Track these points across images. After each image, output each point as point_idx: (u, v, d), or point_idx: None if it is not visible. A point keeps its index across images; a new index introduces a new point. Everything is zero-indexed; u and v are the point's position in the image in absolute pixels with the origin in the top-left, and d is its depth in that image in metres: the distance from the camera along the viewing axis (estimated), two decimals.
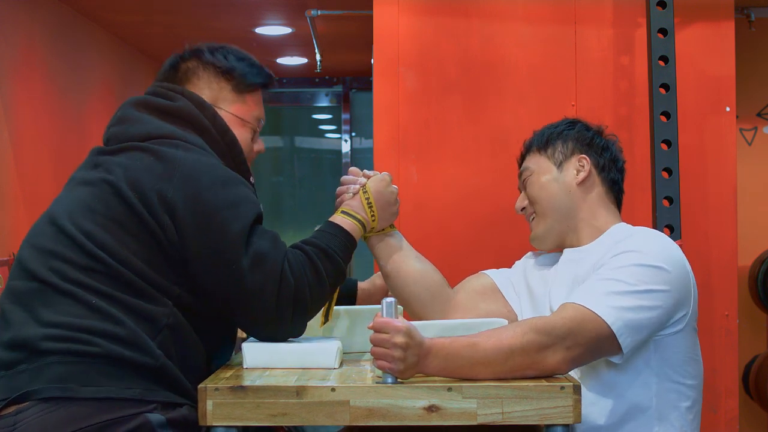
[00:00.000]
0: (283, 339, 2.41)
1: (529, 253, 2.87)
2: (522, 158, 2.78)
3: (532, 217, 2.72)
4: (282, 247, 2.36)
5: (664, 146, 3.50)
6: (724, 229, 3.93)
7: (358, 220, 2.56)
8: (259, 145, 2.67)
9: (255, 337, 2.43)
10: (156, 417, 2.22)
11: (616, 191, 2.71)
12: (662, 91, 3.54)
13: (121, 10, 5.71)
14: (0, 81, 4.53)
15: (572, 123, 2.75)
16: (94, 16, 5.86)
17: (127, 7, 5.66)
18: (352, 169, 2.69)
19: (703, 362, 2.59)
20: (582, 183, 2.65)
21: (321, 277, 2.39)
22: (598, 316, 2.31)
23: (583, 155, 2.67)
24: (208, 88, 2.59)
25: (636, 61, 3.94)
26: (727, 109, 3.94)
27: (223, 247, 2.29)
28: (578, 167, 2.66)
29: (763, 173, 5.35)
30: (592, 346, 2.31)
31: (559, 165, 2.68)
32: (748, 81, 4.97)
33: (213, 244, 2.30)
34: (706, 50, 3.95)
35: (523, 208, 2.74)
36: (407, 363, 2.15)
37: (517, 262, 2.87)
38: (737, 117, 4.08)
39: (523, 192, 2.75)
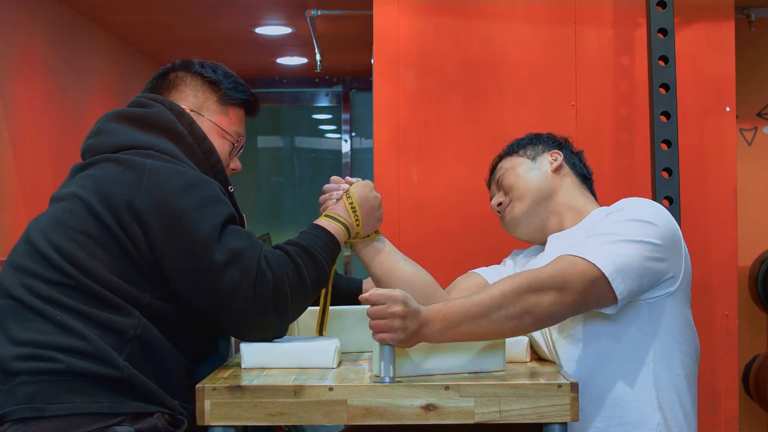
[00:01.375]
0: (264, 339, 2.40)
1: (517, 249, 2.93)
2: (492, 170, 2.89)
3: (507, 205, 2.77)
4: (258, 245, 2.37)
5: (664, 146, 3.50)
6: (724, 229, 3.93)
7: (342, 223, 2.56)
8: (236, 164, 2.69)
9: (238, 338, 2.43)
10: (124, 429, 2.24)
11: (589, 185, 2.82)
12: (662, 91, 3.53)
13: (121, 10, 5.71)
14: (0, 81, 4.53)
15: (538, 134, 2.87)
16: (94, 16, 5.86)
17: (127, 7, 5.66)
18: (334, 177, 2.73)
19: (703, 362, 2.60)
20: (557, 170, 2.75)
21: (302, 275, 2.39)
22: (589, 261, 2.34)
23: (555, 150, 2.80)
24: (193, 96, 2.62)
25: (636, 61, 3.93)
26: (727, 109, 3.94)
27: (194, 249, 2.30)
28: (551, 159, 2.78)
29: (763, 173, 5.35)
30: (585, 290, 2.33)
31: (533, 158, 2.79)
32: (748, 81, 4.97)
33: (184, 247, 2.30)
34: (706, 50, 3.95)
35: (500, 203, 2.80)
36: (408, 332, 2.15)
37: (505, 258, 2.93)
38: (737, 117, 4.08)
39: (496, 192, 2.83)
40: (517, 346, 2.51)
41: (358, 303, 2.82)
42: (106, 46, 6.28)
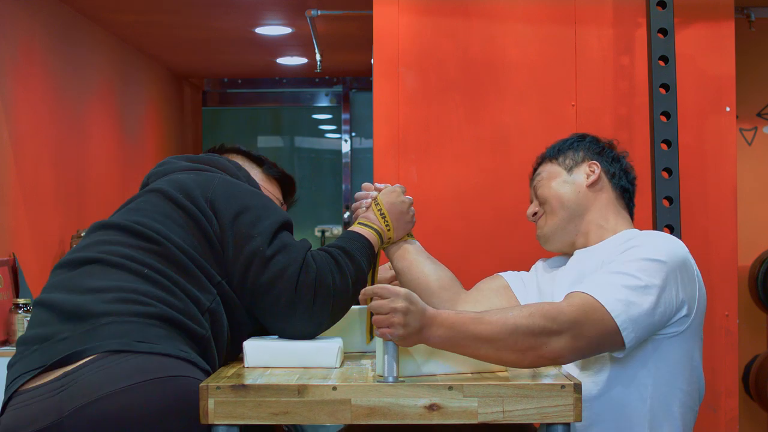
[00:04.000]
0: (302, 331, 2.44)
1: (541, 260, 2.90)
2: (534, 170, 2.83)
3: (541, 217, 2.75)
4: (307, 244, 2.50)
5: (664, 146, 3.51)
6: (724, 229, 3.93)
7: (374, 230, 2.67)
8: None
9: (276, 330, 2.46)
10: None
11: (627, 199, 2.76)
12: (662, 91, 3.54)
13: (121, 10, 5.71)
14: (0, 81, 4.53)
15: (582, 136, 2.80)
16: (94, 16, 5.86)
17: (127, 7, 5.66)
18: (365, 184, 2.83)
19: (704, 362, 2.59)
20: (592, 185, 2.70)
21: (343, 273, 2.48)
22: (604, 307, 2.32)
23: (594, 161, 2.73)
24: (241, 163, 2.82)
25: (636, 61, 3.94)
26: (727, 109, 3.94)
27: (253, 235, 2.43)
28: (588, 171, 2.71)
29: (763, 173, 5.35)
30: (596, 338, 2.32)
31: (570, 169, 2.73)
32: (748, 81, 4.98)
33: (245, 231, 2.43)
34: (706, 50, 3.95)
35: (535, 213, 2.77)
36: (408, 329, 2.15)
37: (533, 266, 2.91)
38: (737, 117, 4.08)
39: (534, 199, 2.79)
40: None
41: (357, 303, 2.85)
42: (106, 46, 6.28)
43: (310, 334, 2.45)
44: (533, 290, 2.77)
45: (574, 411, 2.12)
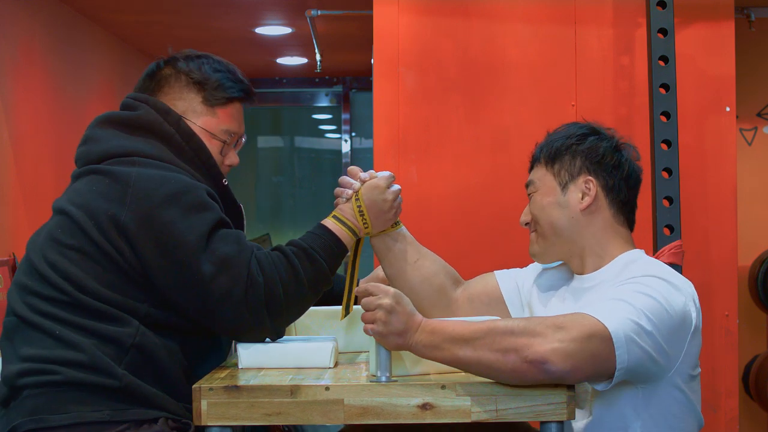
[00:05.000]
0: (261, 341, 2.40)
1: (544, 269, 2.73)
2: (531, 164, 2.64)
3: (533, 232, 2.59)
4: (247, 248, 2.36)
5: (664, 146, 3.50)
6: (724, 229, 3.93)
7: (348, 227, 2.52)
8: (231, 159, 2.65)
9: (237, 340, 2.43)
10: None
11: (626, 212, 2.55)
12: (662, 91, 3.53)
13: (121, 10, 5.71)
14: (0, 81, 4.53)
15: (583, 136, 2.56)
16: (94, 16, 5.86)
17: (127, 7, 5.66)
18: (351, 168, 2.63)
19: (704, 362, 2.54)
20: (586, 208, 2.50)
21: (298, 276, 2.37)
22: (593, 316, 2.19)
23: (590, 177, 2.50)
24: (179, 99, 2.59)
25: (636, 61, 3.93)
26: (727, 109, 3.93)
27: (182, 260, 2.31)
28: (584, 190, 2.50)
29: (763, 173, 5.34)
30: (584, 344, 2.14)
31: (564, 186, 2.52)
32: (748, 81, 4.96)
33: (172, 259, 2.31)
34: (706, 50, 3.95)
35: (527, 223, 2.60)
36: (390, 328, 2.14)
37: (531, 266, 2.75)
38: (737, 117, 4.07)
39: (528, 204, 2.61)
40: None
41: (355, 303, 2.83)
42: (106, 46, 6.28)
43: (272, 339, 2.42)
44: (526, 304, 2.66)
45: (567, 409, 2.12)
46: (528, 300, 2.68)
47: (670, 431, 2.40)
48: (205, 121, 2.58)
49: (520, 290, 2.71)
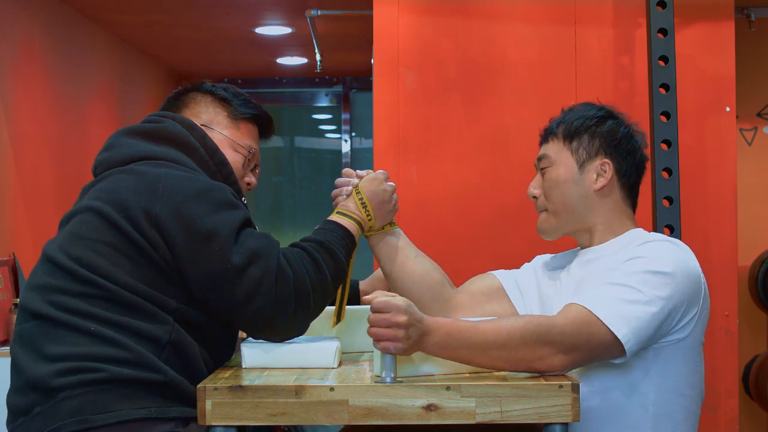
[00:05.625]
0: (286, 336, 2.40)
1: (540, 256, 2.82)
2: (544, 138, 2.67)
3: (542, 209, 2.64)
4: (275, 243, 2.38)
5: (664, 146, 3.50)
6: (724, 229, 3.93)
7: (354, 219, 2.56)
8: (251, 179, 2.69)
9: (259, 337, 2.42)
10: None
11: (633, 196, 2.64)
12: (662, 91, 3.53)
13: (121, 10, 5.71)
14: (0, 81, 4.53)
15: (602, 118, 2.61)
16: (94, 16, 5.86)
17: (127, 7, 5.66)
18: (345, 170, 2.69)
19: (704, 362, 2.57)
20: (600, 189, 2.57)
21: (321, 270, 2.40)
22: (603, 323, 2.29)
23: (607, 159, 2.57)
24: (204, 112, 2.64)
25: (636, 61, 3.93)
26: (727, 109, 3.94)
27: (214, 250, 2.31)
28: (599, 171, 2.57)
29: (763, 173, 5.35)
30: (594, 351, 2.30)
31: (581, 165, 2.57)
32: (748, 81, 4.97)
33: (204, 251, 2.31)
34: (706, 50, 3.95)
35: (535, 197, 2.64)
36: (411, 341, 2.15)
37: (526, 264, 2.81)
38: (737, 117, 4.08)
39: (538, 177, 2.65)
40: None
41: (354, 303, 2.83)
42: (106, 46, 6.28)
43: (294, 337, 2.42)
44: (533, 294, 2.70)
45: (572, 411, 2.12)
46: (530, 292, 2.72)
47: (680, 398, 2.45)
48: (230, 132, 2.64)
49: (520, 287, 2.74)
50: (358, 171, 2.67)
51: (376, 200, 2.61)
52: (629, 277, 2.37)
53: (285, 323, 2.36)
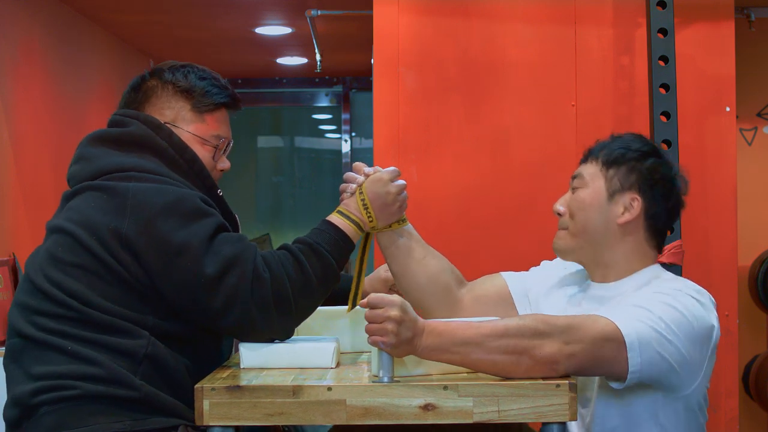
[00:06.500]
0: (275, 338, 2.41)
1: (549, 264, 2.76)
2: (585, 158, 2.61)
3: (563, 227, 2.58)
4: (251, 247, 2.37)
5: (664, 146, 3.50)
6: (724, 229, 3.93)
7: (353, 221, 2.53)
8: (224, 164, 2.67)
9: (248, 341, 2.42)
10: None
11: (659, 239, 2.56)
12: (662, 91, 3.53)
13: (121, 10, 5.71)
14: (0, 81, 4.53)
15: (645, 154, 2.53)
16: (94, 16, 5.86)
17: (127, 7, 5.66)
18: (356, 164, 2.63)
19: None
20: (624, 224, 2.50)
21: (305, 271, 2.38)
22: (613, 321, 2.24)
23: (638, 196, 2.50)
24: (167, 108, 2.60)
25: (636, 61, 3.93)
26: (727, 109, 3.94)
27: (186, 265, 2.32)
28: (628, 205, 2.50)
29: (763, 173, 5.34)
30: (595, 346, 2.22)
31: (611, 195, 2.51)
32: (748, 81, 4.96)
33: (177, 266, 2.32)
34: (706, 50, 3.95)
35: (560, 214, 2.59)
36: (400, 338, 2.13)
37: (535, 270, 2.76)
38: (737, 117, 4.08)
39: (568, 194, 2.59)
40: None
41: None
42: (106, 46, 6.28)
43: (282, 338, 2.42)
44: (540, 303, 2.67)
45: (569, 410, 2.12)
46: (536, 301, 2.68)
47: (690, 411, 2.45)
48: (195, 127, 2.60)
49: (528, 293, 2.71)
50: (366, 169, 2.61)
51: (378, 202, 2.57)
52: (650, 302, 2.32)
53: (269, 327, 2.37)
